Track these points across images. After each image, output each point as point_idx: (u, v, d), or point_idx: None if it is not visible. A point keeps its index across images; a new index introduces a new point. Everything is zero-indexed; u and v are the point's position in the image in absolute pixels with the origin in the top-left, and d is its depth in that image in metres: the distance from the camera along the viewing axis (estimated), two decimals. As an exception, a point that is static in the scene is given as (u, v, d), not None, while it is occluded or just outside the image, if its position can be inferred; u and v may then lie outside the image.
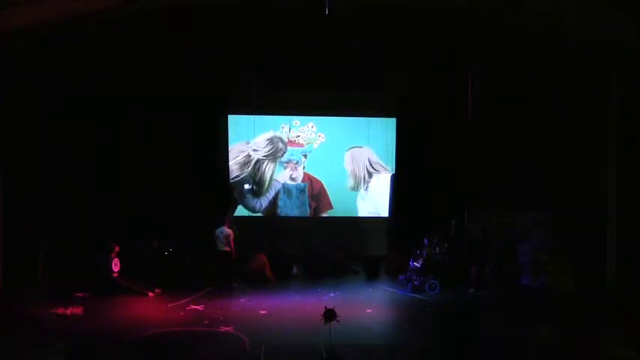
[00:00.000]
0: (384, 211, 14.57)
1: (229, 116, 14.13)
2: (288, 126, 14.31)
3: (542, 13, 10.09)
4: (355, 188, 14.50)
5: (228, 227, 11.88)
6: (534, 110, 12.68)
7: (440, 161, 13.67)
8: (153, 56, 11.90)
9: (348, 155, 14.48)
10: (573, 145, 12.12)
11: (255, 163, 14.16)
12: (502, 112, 12.97)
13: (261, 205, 14.27)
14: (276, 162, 14.16)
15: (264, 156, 14.19)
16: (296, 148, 14.40)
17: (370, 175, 14.51)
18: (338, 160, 14.56)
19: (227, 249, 11.73)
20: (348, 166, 14.47)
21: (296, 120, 14.34)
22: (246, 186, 14.12)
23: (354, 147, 14.52)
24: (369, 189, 14.51)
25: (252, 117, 13.71)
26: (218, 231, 11.79)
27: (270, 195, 14.21)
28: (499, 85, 12.59)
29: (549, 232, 12.01)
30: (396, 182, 14.59)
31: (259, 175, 14.09)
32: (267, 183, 14.09)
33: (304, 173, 14.59)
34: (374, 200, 14.56)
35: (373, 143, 14.66)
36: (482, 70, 12.44)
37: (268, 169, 14.15)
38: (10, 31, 9.55)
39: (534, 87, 12.42)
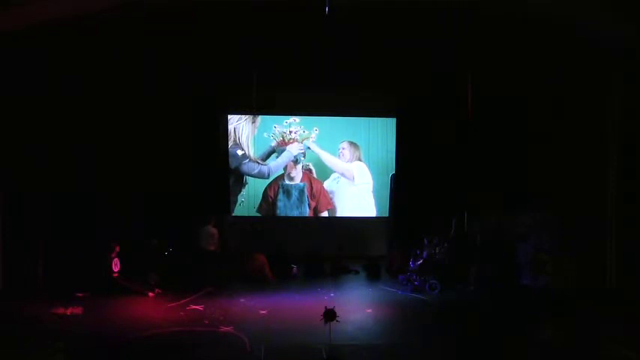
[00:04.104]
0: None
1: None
2: (289, 122, 14.54)
3: (542, 13, 10.10)
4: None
5: (213, 227, 11.96)
6: (534, 110, 12.68)
7: (440, 161, 13.68)
8: (152, 56, 11.89)
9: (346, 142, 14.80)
10: (573, 145, 12.11)
11: (234, 132, 14.48)
12: (502, 112, 12.98)
13: (269, 170, 14.56)
14: (251, 123, 14.52)
15: (237, 121, 14.49)
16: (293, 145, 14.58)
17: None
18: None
19: (212, 248, 11.78)
20: (344, 148, 14.76)
21: (295, 118, 14.56)
22: (239, 152, 14.40)
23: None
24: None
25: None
26: (203, 230, 11.83)
27: (279, 162, 14.63)
28: (499, 84, 12.59)
29: (549, 232, 12.00)
30: (396, 182, 14.62)
31: (239, 138, 14.49)
32: (246, 142, 14.50)
33: (303, 173, 14.63)
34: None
35: (372, 143, 14.72)
36: (482, 70, 12.43)
37: (243, 130, 14.50)
38: (12, 31, 9.57)
39: (534, 87, 12.41)
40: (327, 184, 14.75)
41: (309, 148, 14.57)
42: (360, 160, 14.77)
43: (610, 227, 11.29)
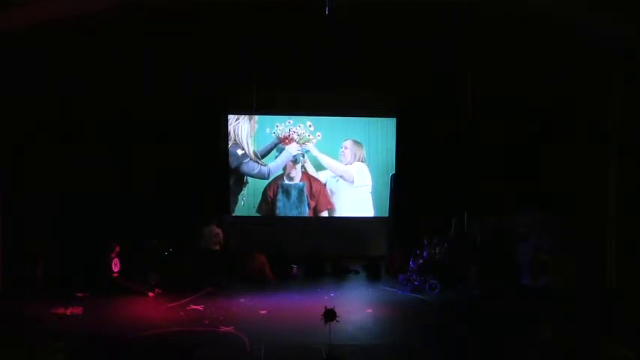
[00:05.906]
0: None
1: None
2: (288, 122, 14.52)
3: (542, 13, 10.10)
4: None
5: (217, 226, 11.94)
6: (534, 110, 12.68)
7: (440, 161, 13.68)
8: (152, 56, 11.90)
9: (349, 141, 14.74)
10: (573, 145, 12.11)
11: (234, 130, 14.46)
12: (502, 112, 12.97)
13: (269, 171, 14.53)
14: (249, 121, 14.47)
15: (236, 121, 14.47)
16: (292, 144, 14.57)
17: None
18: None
19: (217, 247, 11.77)
20: (346, 147, 14.70)
21: (308, 121, 14.58)
22: (239, 151, 14.38)
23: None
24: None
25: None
26: (207, 230, 11.83)
27: (278, 163, 14.58)
28: (499, 84, 12.58)
29: (549, 232, 12.00)
30: (396, 182, 14.62)
31: (239, 137, 14.47)
32: (244, 141, 14.45)
33: (302, 173, 14.62)
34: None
35: (372, 143, 14.72)
36: (482, 70, 12.44)
37: (243, 128, 14.46)
38: (12, 31, 9.57)
39: (534, 87, 12.42)
40: (324, 179, 14.66)
41: (308, 151, 14.54)
42: (362, 160, 14.74)
43: (610, 227, 11.30)
